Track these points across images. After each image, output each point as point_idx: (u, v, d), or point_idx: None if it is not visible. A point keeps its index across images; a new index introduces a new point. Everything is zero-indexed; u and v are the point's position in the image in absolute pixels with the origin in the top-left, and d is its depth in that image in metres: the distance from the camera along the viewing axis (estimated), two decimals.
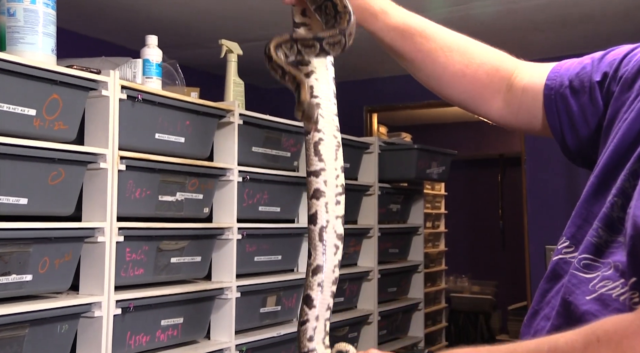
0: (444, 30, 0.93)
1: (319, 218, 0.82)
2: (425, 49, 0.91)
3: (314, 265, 0.83)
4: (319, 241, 0.82)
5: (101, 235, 1.70)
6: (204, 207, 2.09)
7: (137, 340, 1.81)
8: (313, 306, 0.83)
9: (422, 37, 0.90)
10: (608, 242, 0.71)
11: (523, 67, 0.94)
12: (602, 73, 0.83)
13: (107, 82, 1.72)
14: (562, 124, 0.88)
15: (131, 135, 1.83)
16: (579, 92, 0.86)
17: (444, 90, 0.95)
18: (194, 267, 2.04)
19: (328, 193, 0.82)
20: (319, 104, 0.83)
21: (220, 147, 2.17)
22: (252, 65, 2.81)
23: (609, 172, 0.75)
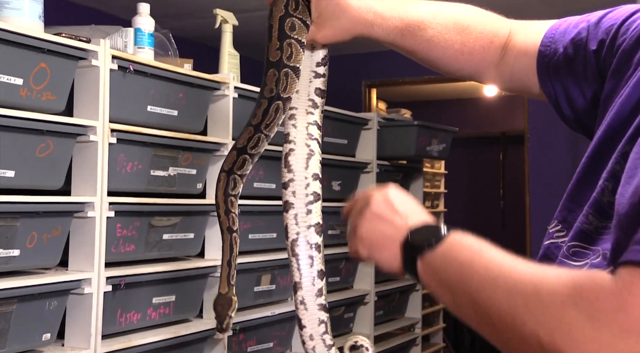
0: (440, 10, 0.93)
1: (289, 232, 0.83)
2: (425, 39, 0.91)
3: (292, 283, 0.83)
4: (292, 256, 0.83)
5: (91, 210, 1.69)
6: (197, 183, 2.09)
7: (127, 317, 1.82)
8: (303, 326, 0.83)
9: (421, 29, 0.90)
10: (598, 228, 0.71)
11: (516, 31, 0.93)
12: (598, 41, 0.81)
13: (97, 51, 1.70)
14: (558, 94, 0.87)
15: (122, 107, 1.81)
16: (573, 61, 0.84)
17: (449, 69, 0.95)
18: (187, 244, 2.05)
19: (297, 205, 0.83)
20: (293, 115, 0.84)
21: (215, 120, 2.16)
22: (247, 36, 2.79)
23: (600, 153, 0.74)
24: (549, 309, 0.56)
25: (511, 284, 0.60)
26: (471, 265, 0.65)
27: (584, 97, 0.84)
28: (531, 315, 0.57)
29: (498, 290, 0.61)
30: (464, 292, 0.65)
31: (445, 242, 0.69)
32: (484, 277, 0.63)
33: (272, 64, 0.82)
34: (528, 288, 0.58)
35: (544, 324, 0.56)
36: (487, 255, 0.65)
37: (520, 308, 0.58)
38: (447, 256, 0.68)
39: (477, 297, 0.63)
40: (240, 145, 0.86)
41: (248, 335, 2.24)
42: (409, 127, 3.10)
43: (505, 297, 0.60)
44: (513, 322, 0.59)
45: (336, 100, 2.88)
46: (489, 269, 0.63)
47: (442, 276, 0.68)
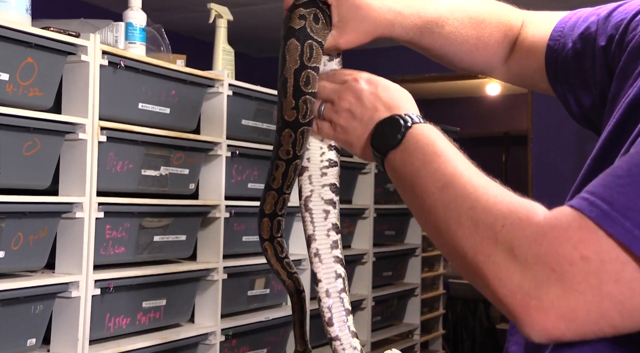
0: (456, 4, 0.93)
1: (303, 190, 0.84)
2: (443, 36, 0.92)
3: (306, 238, 0.83)
4: (305, 211, 0.83)
5: (79, 210, 1.69)
6: (189, 183, 2.09)
7: (116, 322, 1.81)
8: (318, 280, 0.82)
9: (439, 26, 0.91)
10: None
11: (527, 24, 0.94)
12: (607, 36, 0.81)
13: (87, 46, 1.69)
14: (566, 93, 0.88)
15: (112, 104, 1.81)
16: (582, 57, 0.84)
17: (463, 65, 0.97)
18: (178, 246, 2.04)
19: (312, 168, 0.84)
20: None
21: (208, 119, 2.16)
22: (243, 31, 2.79)
23: (605, 155, 0.74)
24: (477, 227, 0.61)
25: (452, 196, 0.64)
26: (424, 168, 0.69)
27: (592, 95, 0.85)
28: (462, 230, 0.62)
29: (439, 199, 0.65)
30: (414, 195, 0.69)
31: (406, 139, 0.73)
32: (432, 183, 0.67)
33: (288, 123, 0.81)
34: (466, 202, 0.63)
35: (470, 241, 0.61)
36: (442, 160, 0.68)
37: (453, 221, 0.63)
38: (404, 155, 0.72)
39: (422, 202, 0.67)
40: (269, 211, 0.87)
41: (241, 341, 2.24)
42: None
43: (443, 208, 0.64)
44: (447, 233, 0.63)
45: None
46: (439, 176, 0.67)
47: (400, 176, 0.72)
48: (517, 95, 5.63)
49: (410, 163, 0.71)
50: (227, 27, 2.32)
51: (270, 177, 0.85)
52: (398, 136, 0.73)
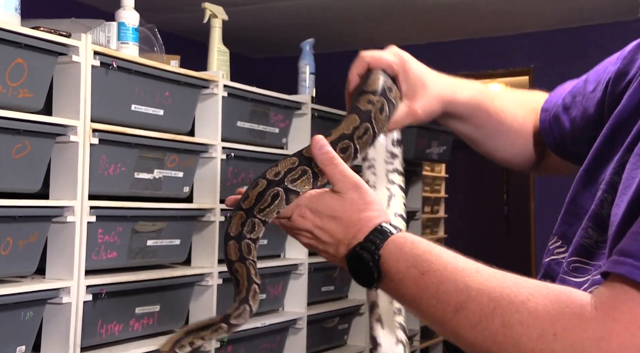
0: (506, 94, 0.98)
1: None
2: (497, 109, 0.94)
3: (369, 304, 0.85)
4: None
5: (71, 214, 1.68)
6: (184, 186, 2.08)
7: (109, 328, 1.81)
8: (378, 344, 0.83)
9: (492, 99, 0.95)
10: (599, 242, 0.71)
11: None
12: (594, 82, 0.85)
13: (78, 46, 1.69)
14: (556, 140, 0.91)
15: (105, 106, 1.81)
16: (570, 108, 0.89)
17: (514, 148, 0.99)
18: (172, 250, 2.04)
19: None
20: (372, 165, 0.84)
21: (203, 121, 2.15)
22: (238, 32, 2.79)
23: (598, 164, 0.75)
24: (524, 343, 0.56)
25: (475, 318, 0.59)
26: (424, 296, 0.65)
27: (572, 121, 0.88)
28: (505, 349, 0.57)
29: (461, 323, 0.60)
30: (429, 319, 0.66)
31: (383, 272, 0.70)
32: (442, 309, 0.62)
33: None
34: (495, 321, 0.58)
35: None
36: (437, 278, 0.64)
37: (488, 343, 0.58)
38: (394, 287, 0.69)
39: (442, 327, 0.63)
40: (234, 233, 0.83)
41: (237, 348, 2.23)
42: (407, 128, 3.09)
43: (469, 331, 0.60)
44: (485, 349, 0.59)
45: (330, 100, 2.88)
46: (446, 299, 0.62)
47: (403, 301, 0.70)
48: None
49: (405, 294, 0.68)
50: (222, 27, 2.32)
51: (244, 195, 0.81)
52: (374, 275, 0.71)
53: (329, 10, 3.86)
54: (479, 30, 4.33)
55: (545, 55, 4.23)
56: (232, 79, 2.27)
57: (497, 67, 4.43)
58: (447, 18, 4.09)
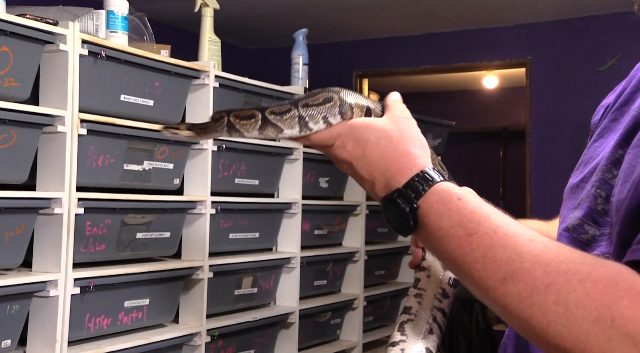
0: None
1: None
2: None
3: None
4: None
5: (58, 206, 1.68)
6: (174, 178, 2.08)
7: (97, 322, 1.80)
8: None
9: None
10: (595, 236, 0.71)
11: None
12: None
13: (66, 35, 1.68)
14: None
15: (93, 95, 1.80)
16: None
17: None
18: (162, 243, 2.03)
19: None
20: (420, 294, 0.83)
21: (193, 111, 2.15)
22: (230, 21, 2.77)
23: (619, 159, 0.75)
24: (579, 325, 0.54)
25: (525, 291, 0.57)
26: (466, 258, 0.61)
27: None
28: (556, 328, 0.55)
29: (507, 294, 0.58)
30: (467, 281, 0.62)
31: (421, 223, 0.65)
32: (488, 277, 0.59)
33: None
34: (549, 296, 0.56)
35: (573, 340, 0.54)
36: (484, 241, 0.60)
37: (537, 318, 0.56)
38: (431, 240, 0.65)
39: (483, 294, 0.60)
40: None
41: (227, 342, 2.23)
42: None
43: (516, 303, 0.57)
44: (532, 329, 0.57)
45: None
46: (493, 266, 0.59)
47: (438, 255, 0.66)
48: (515, 89, 5.63)
49: (445, 251, 0.63)
50: (214, 17, 2.31)
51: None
52: (410, 224, 0.65)
53: (323, 0, 3.85)
54: (475, 21, 4.32)
55: (542, 47, 4.23)
56: (224, 70, 2.26)
57: (493, 59, 4.42)
58: (443, 9, 4.08)
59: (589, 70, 3.98)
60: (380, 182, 0.69)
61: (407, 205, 0.65)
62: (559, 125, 4.14)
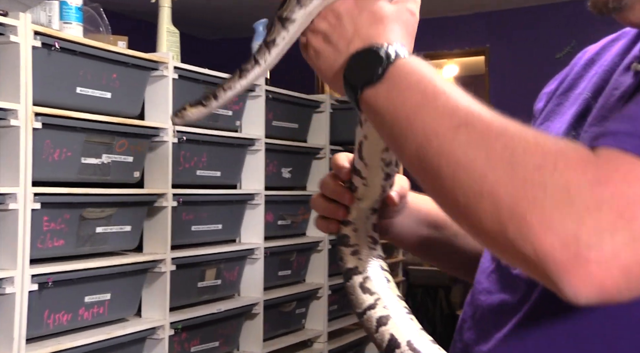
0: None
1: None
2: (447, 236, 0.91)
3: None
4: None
5: (13, 201, 1.64)
6: (134, 171, 2.05)
7: (56, 318, 1.77)
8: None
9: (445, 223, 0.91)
10: None
11: None
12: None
13: (17, 26, 1.64)
14: None
15: (48, 88, 1.76)
16: None
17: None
18: (123, 237, 2.01)
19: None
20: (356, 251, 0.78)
21: (153, 104, 2.12)
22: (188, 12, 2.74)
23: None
24: (516, 170, 0.53)
25: (476, 136, 0.55)
26: (425, 107, 0.59)
27: None
28: (495, 173, 0.54)
29: (456, 140, 0.56)
30: (411, 137, 0.60)
31: (390, 73, 0.63)
32: (441, 123, 0.58)
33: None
34: (498, 142, 0.55)
35: (508, 186, 0.53)
36: (450, 97, 0.59)
37: (480, 164, 0.54)
38: (391, 92, 0.62)
39: (426, 145, 0.58)
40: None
41: (191, 334, 2.22)
42: None
43: (463, 150, 0.55)
44: (468, 178, 0.55)
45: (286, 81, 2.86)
46: (450, 114, 0.58)
47: (385, 116, 0.63)
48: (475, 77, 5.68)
49: (401, 102, 0.61)
50: (172, 7, 2.28)
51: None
52: (378, 70, 0.63)
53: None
54: (434, 10, 4.34)
55: (501, 35, 4.28)
56: (185, 61, 2.23)
57: (453, 47, 4.45)
58: None
59: (546, 57, 4.03)
60: (362, 36, 0.67)
61: (386, 53, 0.64)
62: (518, 111, 4.14)
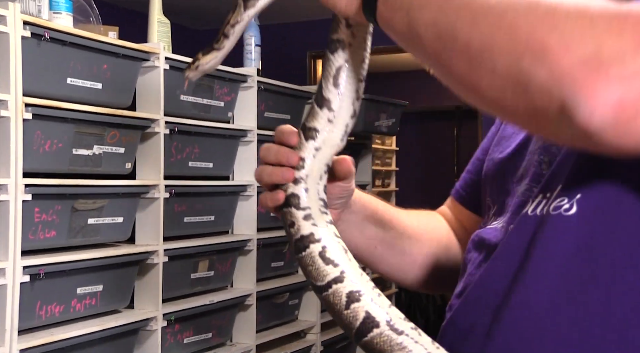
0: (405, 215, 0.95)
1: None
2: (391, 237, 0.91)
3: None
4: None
5: (4, 193, 1.63)
6: (125, 162, 2.04)
7: (48, 310, 1.77)
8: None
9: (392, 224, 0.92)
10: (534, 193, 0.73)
11: None
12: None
13: (6, 16, 1.62)
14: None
15: (38, 79, 1.75)
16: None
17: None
18: (115, 228, 2.00)
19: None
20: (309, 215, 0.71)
21: (144, 94, 2.11)
22: (180, 2, 2.72)
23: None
24: (542, 3, 0.51)
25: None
26: None
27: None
28: (515, 9, 0.52)
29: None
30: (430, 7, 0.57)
31: None
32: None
33: None
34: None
35: (529, 15, 0.51)
36: None
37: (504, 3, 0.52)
38: None
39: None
40: None
41: (184, 326, 2.22)
42: None
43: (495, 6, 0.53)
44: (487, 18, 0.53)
45: (278, 72, 2.86)
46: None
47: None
48: None
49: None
50: None
51: None
52: None
53: None
54: None
55: None
56: (176, 52, 2.22)
57: None
58: None
59: None
60: None
61: None
62: None
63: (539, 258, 0.64)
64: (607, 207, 0.62)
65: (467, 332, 0.70)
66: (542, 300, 0.63)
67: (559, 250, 0.63)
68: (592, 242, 0.62)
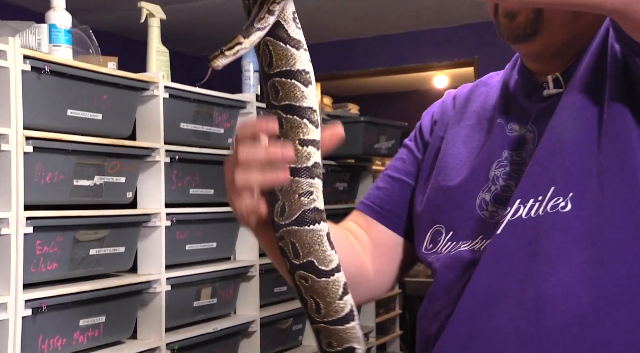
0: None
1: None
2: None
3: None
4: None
5: (5, 226, 1.63)
6: (126, 192, 2.04)
7: (51, 344, 1.75)
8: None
9: None
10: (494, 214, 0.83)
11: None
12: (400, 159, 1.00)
13: (6, 50, 1.63)
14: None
15: (38, 112, 1.75)
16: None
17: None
18: (117, 258, 1.99)
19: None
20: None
21: (144, 123, 2.11)
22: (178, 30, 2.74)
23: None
24: None
25: None
26: None
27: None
28: None
29: None
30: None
31: None
32: None
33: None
34: None
35: None
36: None
37: None
38: None
39: None
40: None
41: None
42: (355, 123, 3.11)
43: None
44: None
45: None
46: None
47: None
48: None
49: None
50: (161, 26, 2.28)
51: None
52: None
53: None
54: (423, 22, 4.36)
55: (489, 46, 4.30)
56: (175, 79, 2.23)
57: (442, 59, 4.47)
58: (390, 11, 4.11)
59: None
60: None
61: None
62: None
63: (554, 249, 0.73)
64: (596, 199, 0.73)
65: (502, 337, 0.76)
66: (573, 281, 0.72)
67: (568, 240, 0.73)
68: (590, 229, 0.73)
